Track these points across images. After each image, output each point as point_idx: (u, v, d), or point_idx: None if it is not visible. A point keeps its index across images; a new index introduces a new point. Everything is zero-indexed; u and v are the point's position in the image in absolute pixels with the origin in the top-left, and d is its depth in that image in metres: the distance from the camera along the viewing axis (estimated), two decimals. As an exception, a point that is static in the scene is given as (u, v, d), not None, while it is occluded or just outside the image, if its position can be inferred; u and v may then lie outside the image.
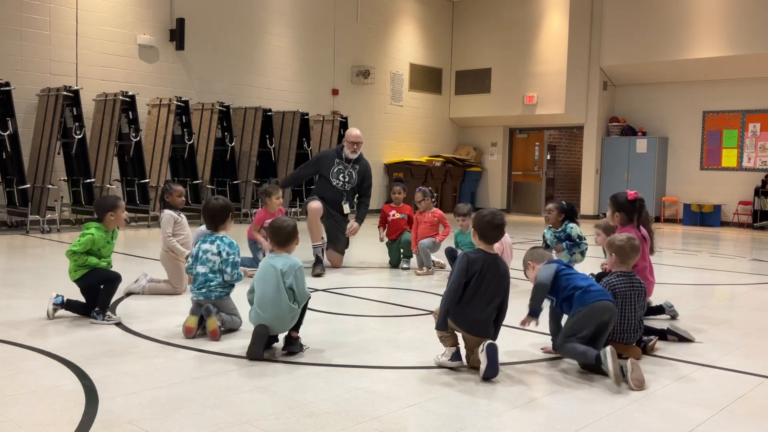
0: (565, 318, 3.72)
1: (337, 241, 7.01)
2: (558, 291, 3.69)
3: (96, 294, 4.42)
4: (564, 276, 3.69)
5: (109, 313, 4.38)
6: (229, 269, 4.27)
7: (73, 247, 4.42)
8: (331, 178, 6.95)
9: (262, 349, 3.66)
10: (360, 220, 7.13)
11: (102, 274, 4.45)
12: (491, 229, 3.53)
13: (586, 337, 3.53)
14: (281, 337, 3.84)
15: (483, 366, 3.33)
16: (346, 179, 6.98)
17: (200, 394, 3.08)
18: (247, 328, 4.30)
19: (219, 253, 4.28)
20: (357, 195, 7.20)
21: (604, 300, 3.59)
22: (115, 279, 4.47)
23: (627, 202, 4.48)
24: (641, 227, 4.53)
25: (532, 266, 3.86)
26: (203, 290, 4.24)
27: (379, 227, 7.36)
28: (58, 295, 4.46)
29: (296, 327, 3.79)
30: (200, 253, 4.30)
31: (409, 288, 6.08)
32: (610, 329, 3.61)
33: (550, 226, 5.85)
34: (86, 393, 3.06)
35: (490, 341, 3.39)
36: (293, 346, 3.77)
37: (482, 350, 3.36)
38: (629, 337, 3.81)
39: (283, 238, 3.84)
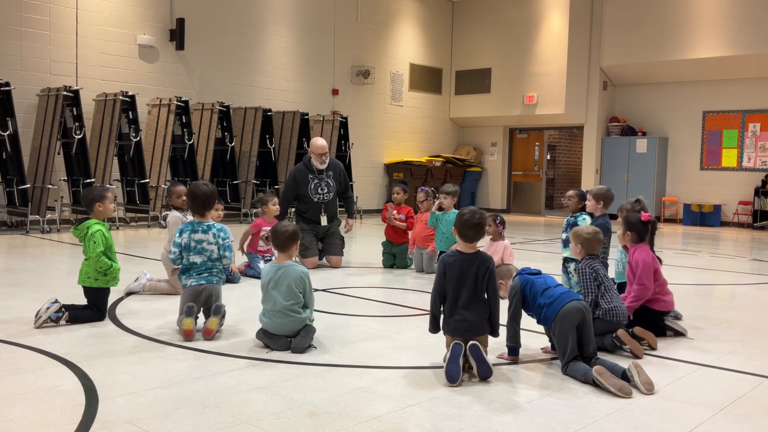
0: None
1: (333, 245, 7.04)
2: (531, 308, 3.66)
3: (96, 308, 4.42)
4: (529, 291, 3.65)
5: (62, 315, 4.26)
6: (228, 254, 4.32)
7: (97, 248, 4.33)
8: (311, 195, 6.95)
9: (284, 337, 3.81)
10: (351, 215, 7.43)
11: (104, 300, 4.45)
12: (469, 228, 3.54)
13: (574, 349, 3.47)
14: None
15: (474, 368, 3.34)
16: (326, 191, 6.99)
17: (200, 394, 3.08)
18: (246, 327, 4.31)
19: (216, 242, 4.28)
20: (340, 194, 7.27)
21: (568, 302, 3.51)
22: (101, 317, 4.43)
23: (639, 223, 4.45)
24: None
25: (504, 284, 3.82)
26: (204, 275, 4.24)
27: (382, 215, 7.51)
28: (60, 309, 4.24)
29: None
30: (192, 243, 4.24)
31: (409, 288, 6.08)
32: (590, 326, 3.53)
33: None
34: (86, 393, 3.06)
35: (471, 342, 3.38)
36: (308, 337, 3.85)
37: (469, 354, 3.36)
38: (622, 314, 3.89)
39: (281, 241, 3.97)
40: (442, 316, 3.56)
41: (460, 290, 3.48)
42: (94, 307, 4.42)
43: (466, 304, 3.47)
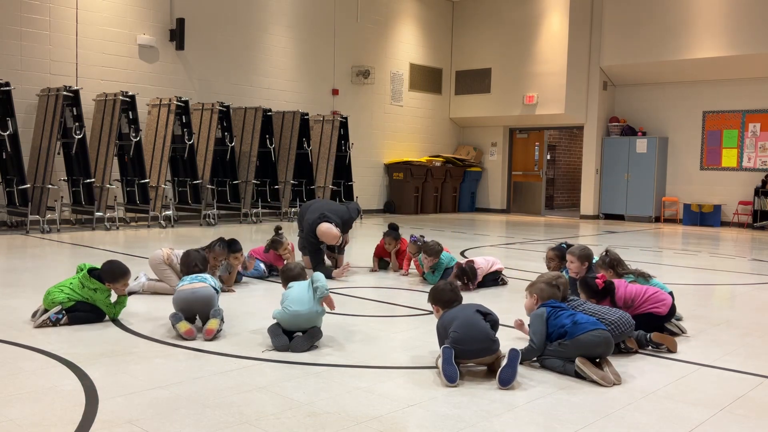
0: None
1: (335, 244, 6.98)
2: (550, 336, 3.64)
3: (96, 309, 4.44)
4: (552, 320, 3.65)
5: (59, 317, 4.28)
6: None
7: (113, 309, 4.47)
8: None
9: (287, 337, 3.87)
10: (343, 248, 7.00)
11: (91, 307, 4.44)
12: (445, 302, 3.72)
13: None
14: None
15: (500, 368, 3.32)
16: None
17: (200, 394, 3.08)
18: (246, 327, 4.32)
19: (207, 279, 4.45)
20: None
21: (595, 330, 3.52)
22: (101, 318, 4.44)
23: (598, 290, 4.25)
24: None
25: (529, 297, 3.87)
26: (199, 278, 4.38)
27: (374, 257, 7.10)
28: (61, 311, 4.26)
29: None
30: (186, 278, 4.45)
31: (408, 288, 6.08)
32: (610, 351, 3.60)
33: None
34: (86, 393, 3.06)
35: (512, 348, 3.40)
36: (311, 340, 3.89)
37: (506, 354, 3.39)
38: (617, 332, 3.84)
39: (293, 276, 4.29)
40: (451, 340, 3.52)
41: (465, 325, 3.49)
42: (95, 308, 4.41)
43: (473, 338, 3.44)
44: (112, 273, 4.45)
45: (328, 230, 6.44)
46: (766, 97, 13.93)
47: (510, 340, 4.07)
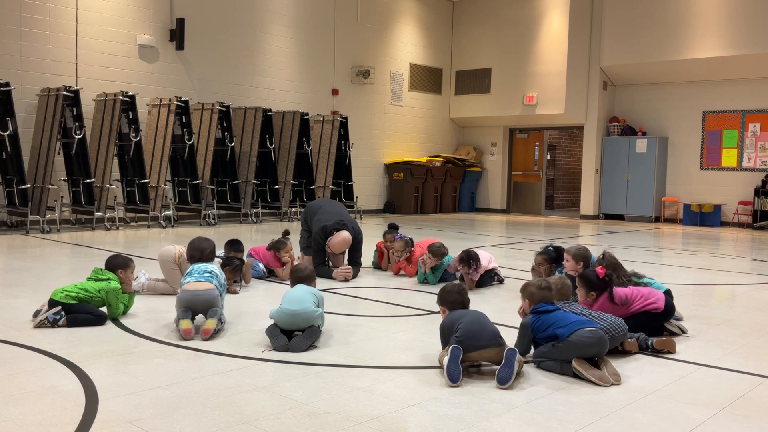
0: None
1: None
2: (541, 341, 3.65)
3: (96, 311, 4.42)
4: (536, 326, 3.64)
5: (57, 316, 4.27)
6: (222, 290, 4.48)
7: (118, 310, 4.48)
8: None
9: (286, 338, 3.88)
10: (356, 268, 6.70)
11: (90, 309, 4.40)
12: (451, 302, 3.77)
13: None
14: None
15: (498, 368, 3.34)
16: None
17: (200, 394, 3.08)
18: (246, 327, 4.32)
19: (216, 275, 4.45)
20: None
21: (585, 329, 3.50)
22: (100, 322, 4.38)
23: (598, 280, 4.25)
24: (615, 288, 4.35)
25: (527, 303, 3.87)
26: (206, 275, 4.36)
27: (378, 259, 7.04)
28: (59, 312, 4.25)
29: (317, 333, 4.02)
30: (194, 270, 4.46)
31: (409, 288, 6.08)
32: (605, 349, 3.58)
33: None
34: (86, 393, 3.06)
35: (509, 348, 3.42)
36: (310, 339, 3.88)
37: (504, 354, 3.41)
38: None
39: (302, 277, 4.31)
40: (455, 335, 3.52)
41: (465, 324, 3.50)
42: (94, 311, 4.40)
43: (478, 334, 3.46)
44: (122, 261, 4.63)
45: (345, 240, 6.44)
46: (766, 97, 13.93)
47: (510, 341, 4.06)
